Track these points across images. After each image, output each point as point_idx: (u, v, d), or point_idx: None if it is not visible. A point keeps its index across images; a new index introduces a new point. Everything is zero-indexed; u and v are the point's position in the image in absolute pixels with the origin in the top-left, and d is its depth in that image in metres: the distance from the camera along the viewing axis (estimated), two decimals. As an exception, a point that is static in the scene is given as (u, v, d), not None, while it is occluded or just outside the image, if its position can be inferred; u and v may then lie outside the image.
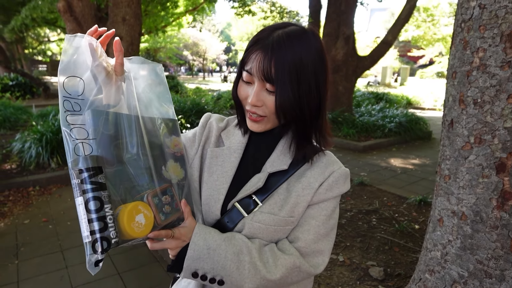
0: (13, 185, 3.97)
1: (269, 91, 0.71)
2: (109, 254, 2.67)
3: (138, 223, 0.62)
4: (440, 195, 1.63)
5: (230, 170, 0.81)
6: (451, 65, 1.58)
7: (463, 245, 1.51)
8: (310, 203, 0.77)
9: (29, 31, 13.04)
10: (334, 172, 0.78)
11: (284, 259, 0.73)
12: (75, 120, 0.60)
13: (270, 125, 0.77)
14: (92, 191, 0.57)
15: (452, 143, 1.55)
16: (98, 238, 0.56)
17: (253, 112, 0.74)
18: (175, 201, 0.70)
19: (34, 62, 22.91)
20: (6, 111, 7.23)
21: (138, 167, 0.66)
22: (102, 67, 0.64)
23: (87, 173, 0.58)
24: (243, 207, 0.78)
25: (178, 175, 0.74)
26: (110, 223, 0.58)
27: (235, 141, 0.85)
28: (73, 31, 4.62)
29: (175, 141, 0.75)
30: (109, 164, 0.62)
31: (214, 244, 0.70)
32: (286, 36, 0.69)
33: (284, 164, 0.80)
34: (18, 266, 2.53)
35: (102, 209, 0.57)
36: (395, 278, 2.37)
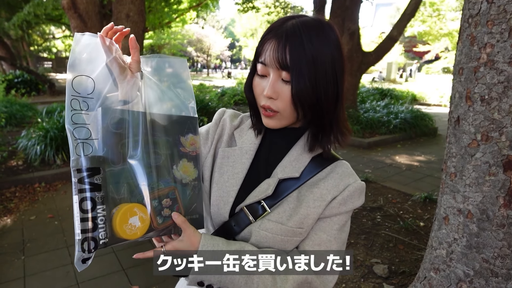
0: (19, 181, 4.00)
1: (284, 81, 0.68)
2: (114, 250, 2.69)
3: (131, 225, 0.62)
4: (445, 193, 1.62)
5: (241, 172, 0.79)
6: (457, 61, 1.56)
7: (469, 244, 1.49)
8: (321, 216, 0.74)
9: (33, 28, 13.08)
10: (350, 185, 0.74)
11: (295, 274, 0.70)
12: (79, 119, 0.60)
13: (286, 121, 0.73)
14: (86, 192, 0.58)
15: (459, 141, 1.53)
16: (87, 237, 0.58)
17: (267, 106, 0.70)
18: (176, 204, 0.69)
19: (40, 59, 23.03)
20: (12, 108, 7.29)
21: (147, 166, 0.65)
22: (117, 63, 0.64)
23: (84, 174, 0.58)
24: (251, 212, 0.75)
25: (190, 174, 0.73)
26: (101, 224, 0.59)
27: (248, 141, 0.81)
28: (77, 28, 4.62)
29: (191, 139, 0.74)
30: (114, 163, 0.62)
31: (222, 258, 0.68)
32: (300, 23, 0.66)
33: (296, 171, 0.76)
34: (24, 262, 2.56)
35: (94, 209, 0.58)
36: (399, 276, 2.36)
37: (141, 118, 0.65)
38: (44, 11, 9.36)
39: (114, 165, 0.62)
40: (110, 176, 0.61)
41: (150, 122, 0.66)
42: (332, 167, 0.77)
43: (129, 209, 0.62)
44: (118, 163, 0.62)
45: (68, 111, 0.59)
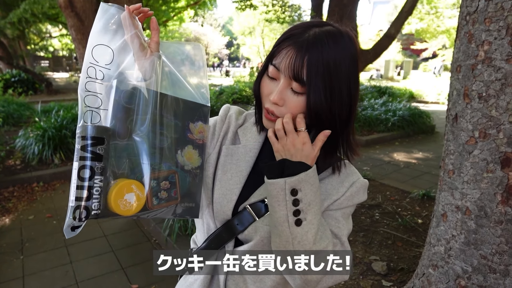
0: (17, 181, 3.99)
1: (294, 91, 0.67)
2: (113, 249, 2.69)
3: (126, 201, 0.61)
4: (444, 190, 1.62)
5: (245, 170, 0.79)
6: (455, 59, 1.56)
7: (467, 240, 1.50)
8: (326, 209, 0.75)
9: (29, 26, 13.01)
10: (355, 182, 0.77)
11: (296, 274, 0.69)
12: (92, 88, 0.61)
13: None
14: (87, 160, 0.58)
15: (457, 138, 1.53)
16: (79, 205, 0.58)
17: (270, 111, 0.70)
18: (174, 189, 0.69)
19: (36, 58, 22.91)
20: (9, 107, 7.24)
21: (152, 146, 0.65)
22: (137, 39, 0.65)
23: (88, 141, 0.58)
24: (255, 210, 0.75)
25: (193, 162, 0.73)
26: (96, 195, 0.58)
27: (252, 139, 0.82)
28: (74, 27, 4.60)
29: (200, 127, 0.74)
30: (120, 137, 0.62)
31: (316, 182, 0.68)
32: (322, 34, 0.65)
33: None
34: (23, 262, 2.56)
35: (92, 179, 0.58)
36: (398, 273, 2.37)
37: (154, 97, 0.65)
38: (41, 10, 9.32)
39: (120, 139, 0.62)
40: (113, 149, 0.61)
41: (162, 102, 0.66)
42: (335, 167, 0.78)
43: (127, 184, 0.62)
44: (124, 138, 0.62)
45: (83, 77, 0.60)
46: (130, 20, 0.65)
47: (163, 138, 0.66)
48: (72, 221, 0.58)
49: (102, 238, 2.88)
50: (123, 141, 0.62)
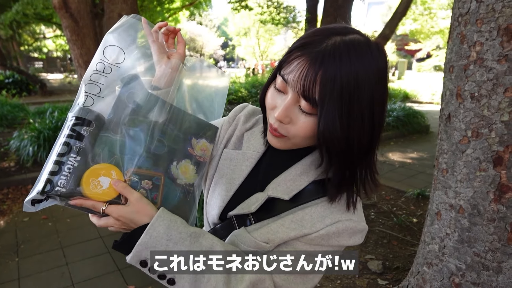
0: (12, 183, 3.96)
1: (303, 111, 0.58)
2: (109, 250, 2.68)
3: (98, 183, 0.59)
4: (437, 189, 1.65)
5: (237, 179, 0.74)
6: (448, 59, 1.59)
7: (461, 238, 1.52)
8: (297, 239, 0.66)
9: (22, 27, 12.93)
10: (339, 222, 0.63)
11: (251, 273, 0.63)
12: (97, 79, 0.62)
13: (292, 146, 0.65)
14: (66, 137, 0.58)
15: (450, 137, 1.55)
16: (46, 178, 0.57)
17: (274, 128, 0.62)
18: (156, 192, 0.65)
19: (30, 59, 22.73)
20: (3, 108, 7.16)
21: (146, 150, 0.64)
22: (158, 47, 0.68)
23: (73, 121, 0.59)
24: (238, 221, 0.72)
25: (188, 178, 0.70)
26: (66, 172, 0.57)
27: (253, 147, 0.76)
28: (69, 28, 4.58)
29: (203, 145, 0.71)
30: (113, 131, 0.62)
31: (177, 236, 0.60)
32: (344, 45, 0.54)
33: (287, 193, 0.68)
34: (18, 264, 2.54)
35: (65, 155, 0.57)
36: (393, 271, 2.39)
37: (161, 105, 0.66)
38: (34, 10, 9.25)
39: (113, 133, 0.62)
40: (105, 141, 0.61)
41: (168, 112, 0.67)
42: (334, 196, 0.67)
43: (106, 167, 0.60)
44: (117, 134, 0.62)
45: (90, 70, 0.62)
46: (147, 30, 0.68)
47: (160, 145, 0.65)
48: (36, 193, 0.57)
49: (98, 239, 2.87)
50: (115, 135, 0.62)
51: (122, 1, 4.57)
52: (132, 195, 0.61)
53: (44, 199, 0.58)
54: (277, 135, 0.63)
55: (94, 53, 0.63)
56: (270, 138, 0.66)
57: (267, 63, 26.25)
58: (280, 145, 0.65)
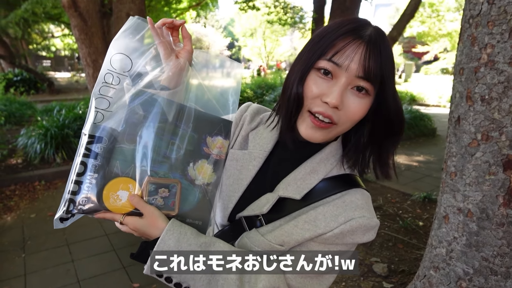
0: (19, 179, 4.00)
1: (356, 93, 0.60)
2: (114, 248, 2.69)
3: (117, 197, 0.62)
4: (446, 192, 1.63)
5: (245, 179, 0.73)
6: (458, 61, 1.57)
7: (469, 242, 1.51)
8: (311, 240, 0.66)
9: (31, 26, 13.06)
10: (353, 220, 0.63)
11: (265, 280, 0.62)
12: (106, 92, 0.63)
13: (334, 134, 0.65)
14: (82, 156, 0.61)
15: (459, 140, 1.54)
16: (68, 198, 0.60)
17: (327, 115, 0.60)
18: (173, 199, 0.66)
19: (38, 57, 22.96)
20: (11, 106, 7.25)
21: (161, 155, 0.65)
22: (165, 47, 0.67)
23: (86, 139, 0.61)
24: (248, 222, 0.71)
25: (206, 177, 0.69)
26: (85, 191, 0.61)
27: (259, 146, 0.74)
28: (77, 27, 4.62)
29: (219, 143, 0.71)
30: (128, 141, 0.63)
31: (187, 248, 0.61)
32: (380, 31, 0.61)
33: (298, 192, 0.68)
34: (25, 260, 2.56)
35: (83, 174, 0.60)
36: (399, 275, 2.37)
37: (172, 107, 0.66)
38: (43, 9, 9.34)
39: (128, 143, 0.63)
40: (119, 152, 0.62)
41: (179, 113, 0.66)
42: (343, 194, 0.67)
43: (124, 181, 0.63)
44: (132, 143, 0.63)
45: (99, 82, 0.63)
46: (153, 31, 0.67)
47: (174, 148, 0.66)
48: (62, 213, 0.61)
49: (104, 237, 2.88)
50: (130, 145, 0.63)
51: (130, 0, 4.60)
52: (145, 209, 0.63)
53: (70, 216, 0.63)
54: (322, 126, 0.62)
55: (102, 52, 0.65)
56: (310, 132, 0.64)
57: (272, 64, 26.23)
58: (322, 137, 0.64)
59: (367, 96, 0.61)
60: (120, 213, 0.63)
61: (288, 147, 0.71)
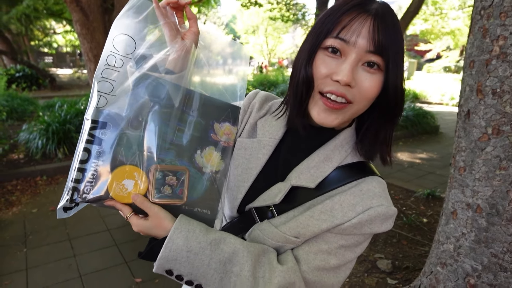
0: (21, 174, 3.99)
1: (367, 67, 0.57)
2: (116, 243, 2.67)
3: (123, 186, 0.60)
4: (454, 188, 1.60)
5: (255, 168, 0.70)
6: (468, 54, 1.54)
7: (478, 238, 1.48)
8: (328, 231, 0.63)
9: (33, 22, 13.04)
10: (371, 209, 0.61)
11: (281, 276, 0.59)
12: (109, 75, 0.60)
13: (349, 117, 0.62)
14: (85, 142, 0.58)
15: (468, 134, 1.51)
16: (71, 186, 0.58)
17: (340, 94, 0.57)
18: (181, 187, 0.64)
19: (40, 54, 22.95)
20: (13, 102, 7.24)
21: (167, 142, 0.62)
22: (170, 28, 0.64)
23: (89, 124, 0.58)
24: (259, 214, 0.69)
25: (214, 165, 0.67)
26: (89, 178, 0.58)
27: (269, 133, 0.71)
28: (79, 22, 4.59)
29: (227, 129, 0.68)
30: (133, 127, 0.60)
31: (196, 246, 0.59)
32: (387, 5, 0.59)
33: (312, 181, 0.65)
34: (26, 254, 2.55)
35: (87, 162, 0.58)
36: (403, 271, 2.35)
37: (178, 92, 0.63)
38: (45, 5, 9.31)
39: (132, 129, 0.60)
40: (124, 139, 0.60)
41: (186, 98, 0.64)
42: (359, 182, 0.65)
43: (129, 169, 0.60)
44: (137, 129, 0.61)
45: (102, 65, 0.60)
46: (158, 11, 0.64)
47: (181, 135, 0.63)
48: (65, 202, 0.59)
49: (106, 232, 2.87)
50: (135, 131, 0.60)
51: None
52: (150, 210, 0.61)
53: (74, 205, 0.61)
54: (336, 107, 0.59)
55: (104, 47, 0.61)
56: (323, 116, 0.61)
57: (274, 61, 26.15)
58: (337, 121, 0.61)
59: (379, 72, 0.58)
60: (127, 203, 0.61)
61: (300, 134, 0.69)
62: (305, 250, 0.64)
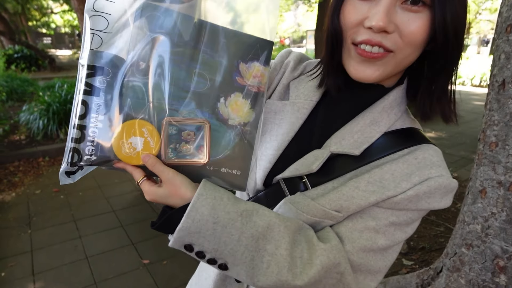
0: (23, 155, 3.91)
1: (410, 7, 0.47)
2: (122, 224, 2.61)
3: (130, 145, 0.49)
4: (483, 164, 1.49)
5: (287, 134, 0.61)
6: (504, 18, 1.39)
7: (509, 218, 1.38)
8: (376, 205, 0.54)
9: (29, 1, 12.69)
10: (430, 179, 0.52)
11: (324, 255, 0.50)
12: (101, 7, 0.47)
13: (392, 68, 0.52)
14: (82, 94, 0.48)
15: (503, 107, 1.38)
16: (71, 147, 0.48)
17: (375, 43, 0.49)
18: (201, 144, 0.52)
19: (39, 35, 22.53)
20: (12, 83, 7.12)
21: (182, 89, 0.50)
22: None
23: (85, 71, 0.47)
24: (289, 187, 0.59)
25: (242, 116, 0.54)
26: (90, 137, 0.48)
27: (304, 95, 0.63)
28: None
29: (256, 70, 0.54)
30: (139, 74, 0.49)
31: (225, 217, 0.48)
32: None
33: (356, 147, 0.56)
34: (31, 236, 2.50)
35: (86, 117, 0.48)
36: (419, 252, 2.28)
37: (191, 25, 0.50)
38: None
39: (139, 76, 0.49)
40: (130, 88, 0.49)
41: (201, 33, 0.51)
42: (411, 150, 0.55)
43: (138, 124, 0.49)
44: (144, 75, 0.49)
45: None
46: None
47: (199, 79, 0.51)
48: (66, 165, 0.49)
49: (111, 213, 2.81)
50: (142, 78, 0.49)
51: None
52: (164, 174, 0.50)
53: (77, 169, 0.51)
54: (374, 56, 0.49)
55: None
56: (361, 69, 0.52)
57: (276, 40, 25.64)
58: (378, 73, 0.51)
59: (425, 8, 0.47)
60: (137, 165, 0.51)
61: (341, 95, 0.60)
62: (348, 227, 0.54)
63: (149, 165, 0.50)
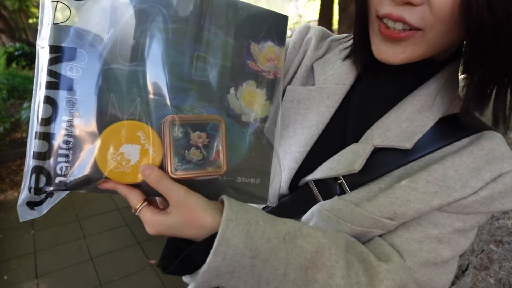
0: (25, 154, 3.79)
1: None
2: (127, 223, 2.54)
3: (122, 156, 0.36)
4: (514, 155, 1.38)
5: (316, 126, 0.51)
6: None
7: (545, 212, 1.27)
8: (439, 209, 0.45)
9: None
10: (504, 175, 0.43)
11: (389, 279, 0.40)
12: None
13: (423, 49, 0.41)
14: (45, 88, 0.33)
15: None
16: (33, 167, 0.34)
17: (396, 17, 0.39)
18: (215, 149, 0.40)
19: (39, 32, 22.55)
20: (13, 80, 7.09)
21: (184, 78, 0.38)
22: None
23: (47, 55, 0.34)
24: (321, 190, 0.49)
25: (258, 110, 0.43)
26: (63, 149, 0.34)
27: (333, 78, 0.52)
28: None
29: (270, 51, 0.42)
30: (125, 59, 0.36)
31: (266, 247, 0.36)
32: None
33: (407, 139, 0.46)
34: (34, 236, 2.43)
35: (53, 121, 0.34)
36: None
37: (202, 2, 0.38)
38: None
39: (124, 61, 0.36)
40: (112, 77, 0.36)
41: (204, 6, 0.39)
42: (473, 139, 0.46)
43: (128, 128, 0.36)
44: (132, 61, 0.36)
45: None
46: None
47: (203, 65, 0.39)
48: (27, 192, 0.35)
49: (115, 211, 2.73)
50: (130, 65, 0.36)
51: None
52: (173, 193, 0.36)
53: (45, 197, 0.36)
54: (395, 35, 0.40)
55: None
56: (383, 50, 0.43)
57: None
58: (405, 55, 0.41)
59: None
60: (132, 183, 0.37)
61: (380, 76, 0.49)
62: (405, 238, 0.45)
63: (152, 180, 0.36)
